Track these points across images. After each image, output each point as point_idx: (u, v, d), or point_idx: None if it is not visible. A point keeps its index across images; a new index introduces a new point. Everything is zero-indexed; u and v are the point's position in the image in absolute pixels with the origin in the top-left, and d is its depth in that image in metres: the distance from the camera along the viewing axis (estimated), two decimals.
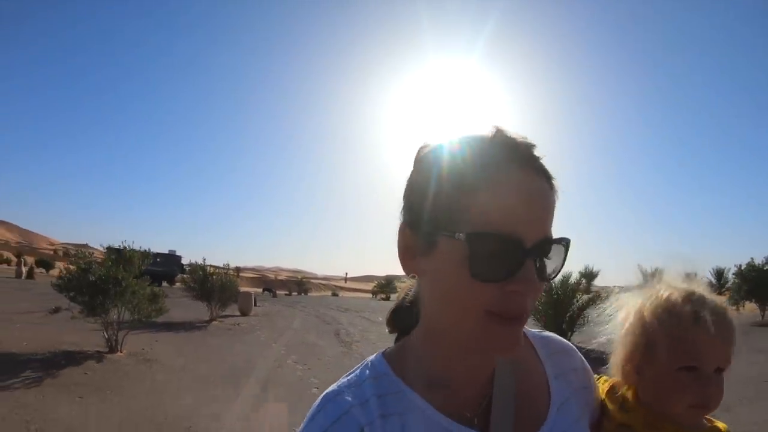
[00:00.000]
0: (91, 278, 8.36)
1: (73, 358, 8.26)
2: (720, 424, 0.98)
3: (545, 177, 0.71)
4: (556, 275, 0.73)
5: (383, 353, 0.83)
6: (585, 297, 13.32)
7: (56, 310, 9.20)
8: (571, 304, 13.13)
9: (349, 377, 0.78)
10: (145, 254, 10.10)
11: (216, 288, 17.22)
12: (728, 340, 0.91)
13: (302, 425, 0.72)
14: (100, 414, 5.76)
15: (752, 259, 19.18)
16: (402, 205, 0.78)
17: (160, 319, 11.14)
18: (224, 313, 18.34)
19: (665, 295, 0.95)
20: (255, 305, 22.32)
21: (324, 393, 0.75)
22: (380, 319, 21.99)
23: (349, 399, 0.72)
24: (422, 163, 0.76)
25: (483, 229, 0.66)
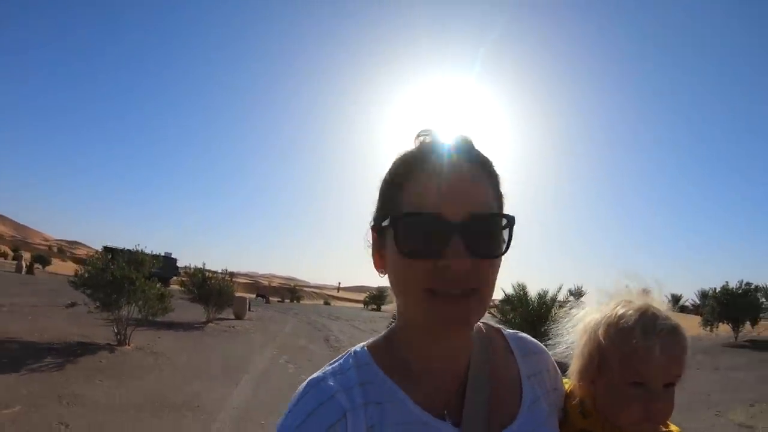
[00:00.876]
0: (109, 277, 9.28)
1: (87, 348, 9.17)
2: (673, 428, 1.03)
3: (477, 162, 0.78)
4: (503, 252, 0.76)
5: (367, 344, 0.87)
6: (561, 311, 14.25)
7: (72, 304, 10.07)
8: (547, 319, 14.10)
9: (333, 365, 0.82)
10: (156, 257, 11.06)
11: (213, 292, 18.06)
12: (677, 357, 0.93)
13: (288, 408, 0.76)
14: (121, 394, 6.67)
15: (727, 283, 20.34)
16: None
17: (160, 319, 12.03)
18: (220, 316, 19.16)
19: (619, 311, 0.98)
20: (249, 310, 23.13)
21: (309, 378, 0.79)
22: (369, 328, 22.97)
23: (334, 385, 0.76)
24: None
25: (407, 210, 0.74)
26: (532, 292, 13.79)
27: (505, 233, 0.76)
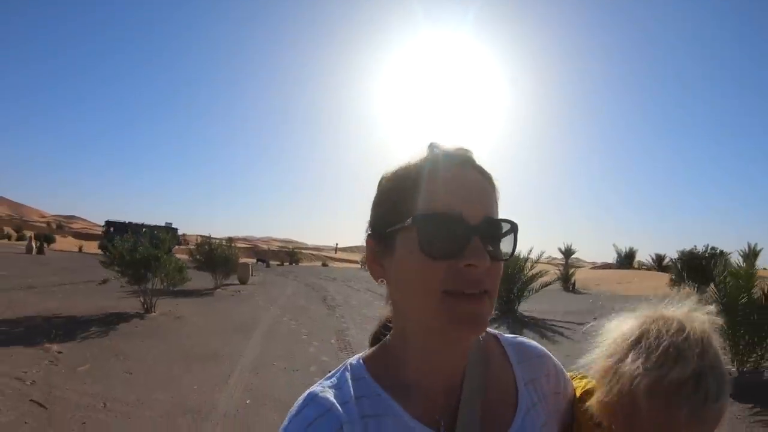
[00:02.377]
0: (138, 256, 11.04)
1: (121, 318, 10.94)
2: None
3: (482, 174, 0.81)
4: (510, 257, 0.79)
5: (363, 357, 0.88)
6: (529, 273, 16.15)
7: (104, 281, 11.84)
8: (518, 280, 15.91)
9: (330, 379, 0.83)
10: (175, 236, 12.82)
11: (220, 260, 19.88)
12: (712, 424, 0.83)
13: (286, 420, 0.77)
14: (159, 350, 8.45)
15: (695, 246, 22.50)
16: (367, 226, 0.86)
17: (175, 288, 13.71)
18: (226, 282, 21.02)
19: (668, 374, 0.81)
20: (251, 275, 25.03)
21: (307, 391, 0.80)
22: (364, 287, 24.90)
23: (331, 398, 0.77)
24: (378, 186, 0.85)
25: (428, 211, 0.74)
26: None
27: (510, 239, 0.79)
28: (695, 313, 0.91)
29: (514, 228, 0.79)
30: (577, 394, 1.00)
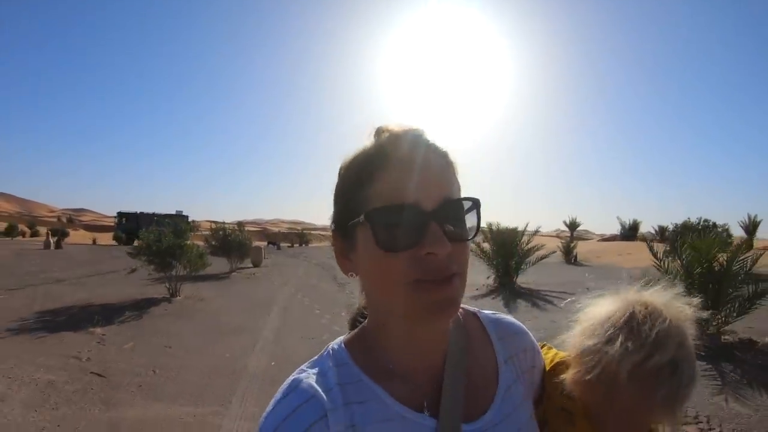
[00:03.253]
0: (164, 245, 12.19)
1: (151, 302, 12.05)
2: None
3: (436, 153, 0.77)
4: (475, 234, 0.77)
5: (344, 341, 0.88)
6: (526, 247, 17.06)
7: (133, 270, 13.01)
8: (516, 253, 16.87)
9: (313, 366, 0.83)
10: (193, 226, 13.94)
11: (234, 245, 21.01)
12: (682, 405, 0.90)
13: (270, 405, 0.77)
14: (190, 327, 9.56)
15: (689, 218, 23.41)
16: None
17: (195, 274, 14.81)
18: (241, 266, 22.20)
19: (647, 360, 0.87)
20: (264, 258, 26.17)
21: (290, 378, 0.80)
22: None
23: (315, 385, 0.77)
24: (337, 177, 0.84)
25: (379, 204, 0.72)
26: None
27: (473, 216, 0.77)
28: (676, 302, 0.95)
29: (476, 204, 0.78)
30: (547, 365, 1.03)
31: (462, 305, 0.90)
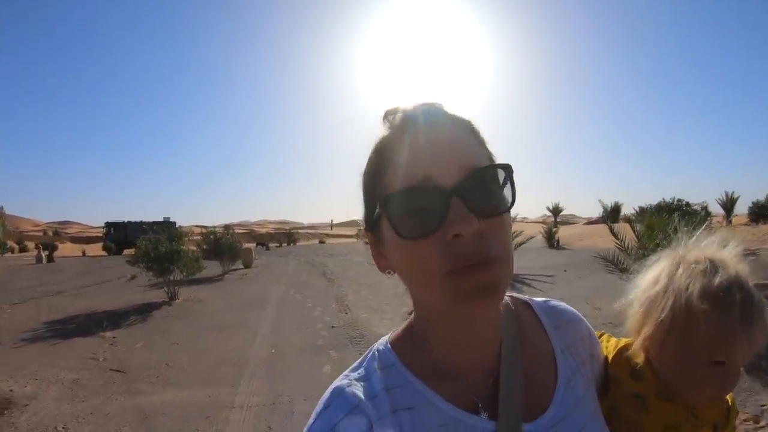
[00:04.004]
0: (162, 252, 12.96)
1: (152, 307, 12.82)
2: (727, 397, 0.98)
3: (455, 123, 0.71)
4: (511, 206, 0.68)
5: (390, 340, 0.82)
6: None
7: (133, 277, 13.72)
8: None
9: (357, 369, 0.78)
10: (186, 233, 14.70)
11: (225, 248, 21.76)
12: (764, 341, 0.87)
13: (312, 418, 0.71)
14: (193, 325, 10.37)
15: (663, 199, 24.78)
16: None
17: (190, 277, 15.50)
18: (232, 268, 23.02)
19: (716, 282, 0.86)
20: (255, 258, 26.92)
21: (333, 386, 0.75)
22: (359, 260, 26.74)
23: (359, 393, 0.72)
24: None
25: (393, 190, 0.66)
26: None
27: (507, 186, 0.68)
28: (722, 251, 0.93)
29: (507, 171, 0.68)
30: (610, 354, 0.99)
31: (512, 294, 0.88)
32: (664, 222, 8.83)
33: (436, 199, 0.63)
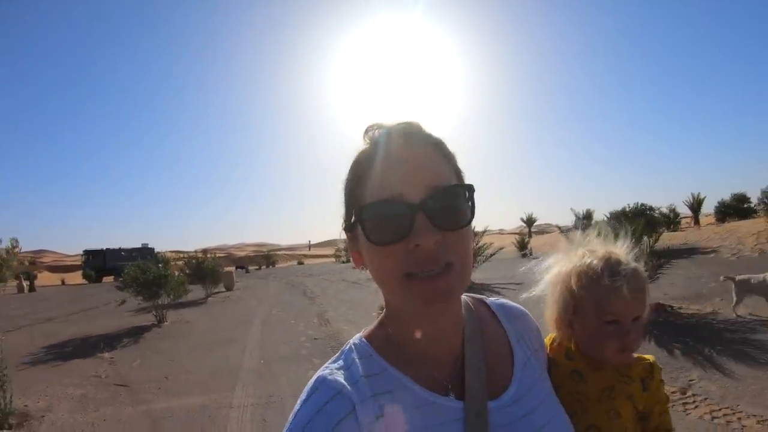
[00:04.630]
0: (151, 277, 13.72)
1: (142, 329, 13.53)
2: (648, 357, 1.17)
3: (429, 143, 0.81)
4: (470, 221, 0.78)
5: (364, 335, 0.92)
6: (476, 245, 18.86)
7: (123, 302, 14.38)
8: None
9: (337, 361, 0.87)
10: (168, 259, 15.50)
11: (208, 272, 22.43)
12: (641, 294, 1.07)
13: (297, 405, 0.79)
14: (185, 344, 11.17)
15: (628, 204, 26.81)
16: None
17: (175, 301, 16.21)
18: (215, 291, 23.57)
19: (587, 261, 1.11)
20: (236, 281, 27.58)
21: (316, 375, 0.83)
22: (338, 278, 27.80)
23: (341, 380, 0.79)
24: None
25: (366, 201, 0.78)
26: None
27: (468, 203, 0.78)
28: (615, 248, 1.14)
29: (470, 191, 0.79)
30: (547, 344, 1.18)
31: (470, 294, 1.01)
32: (617, 228, 10.06)
33: (404, 212, 0.74)
